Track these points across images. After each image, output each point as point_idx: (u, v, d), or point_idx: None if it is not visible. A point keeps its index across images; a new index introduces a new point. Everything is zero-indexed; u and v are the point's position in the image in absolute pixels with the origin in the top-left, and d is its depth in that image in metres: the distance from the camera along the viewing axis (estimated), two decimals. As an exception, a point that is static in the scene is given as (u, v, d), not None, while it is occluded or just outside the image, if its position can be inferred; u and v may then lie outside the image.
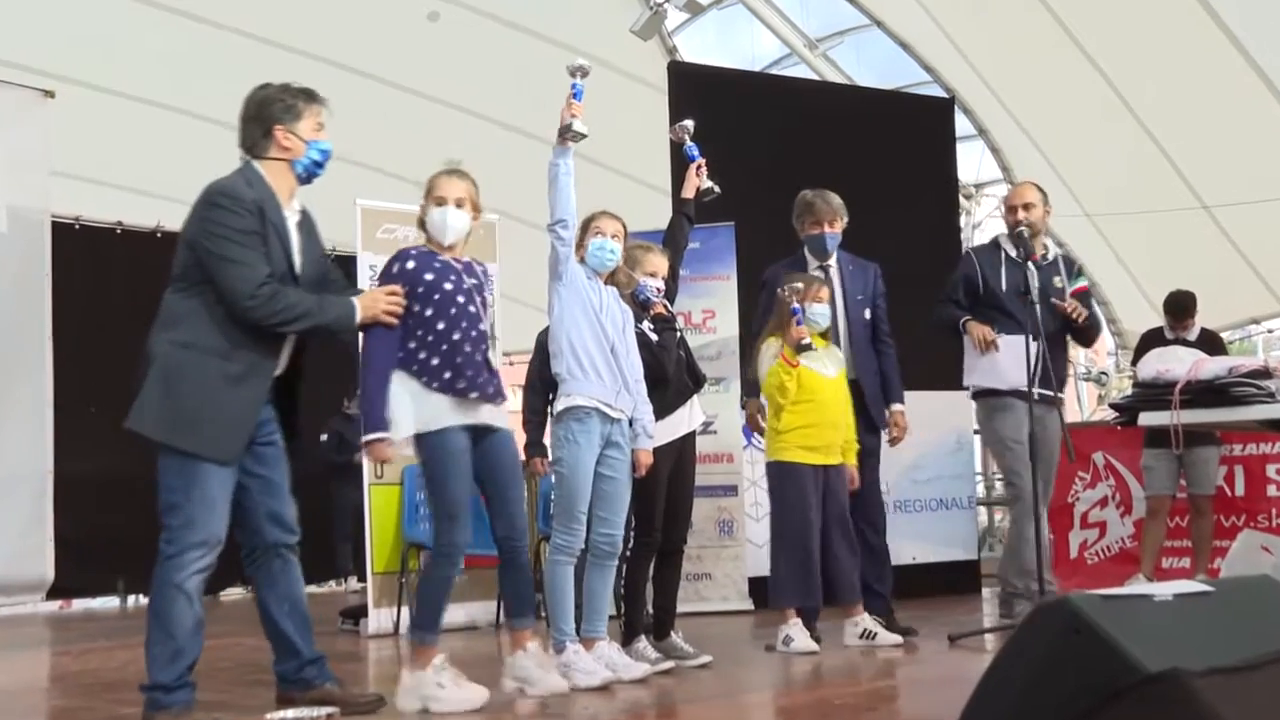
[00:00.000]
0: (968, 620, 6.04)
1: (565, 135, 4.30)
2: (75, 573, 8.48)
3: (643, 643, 4.74)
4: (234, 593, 9.59)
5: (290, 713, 3.53)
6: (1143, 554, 6.97)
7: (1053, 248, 5.78)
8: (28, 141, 8.07)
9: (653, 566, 4.91)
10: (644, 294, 4.77)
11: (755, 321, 5.78)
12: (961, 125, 9.79)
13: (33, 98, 8.17)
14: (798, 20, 11.71)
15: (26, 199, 8.10)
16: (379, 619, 6.39)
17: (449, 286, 3.88)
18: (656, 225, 5.66)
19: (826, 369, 5.24)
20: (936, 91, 10.42)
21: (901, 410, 5.63)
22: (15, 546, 7.87)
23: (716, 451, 6.89)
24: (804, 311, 5.13)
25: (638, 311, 4.75)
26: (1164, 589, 2.36)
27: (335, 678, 3.84)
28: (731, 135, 7.01)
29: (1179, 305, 6.93)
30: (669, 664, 4.64)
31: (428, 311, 3.85)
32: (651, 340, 4.77)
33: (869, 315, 5.61)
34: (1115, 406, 4.86)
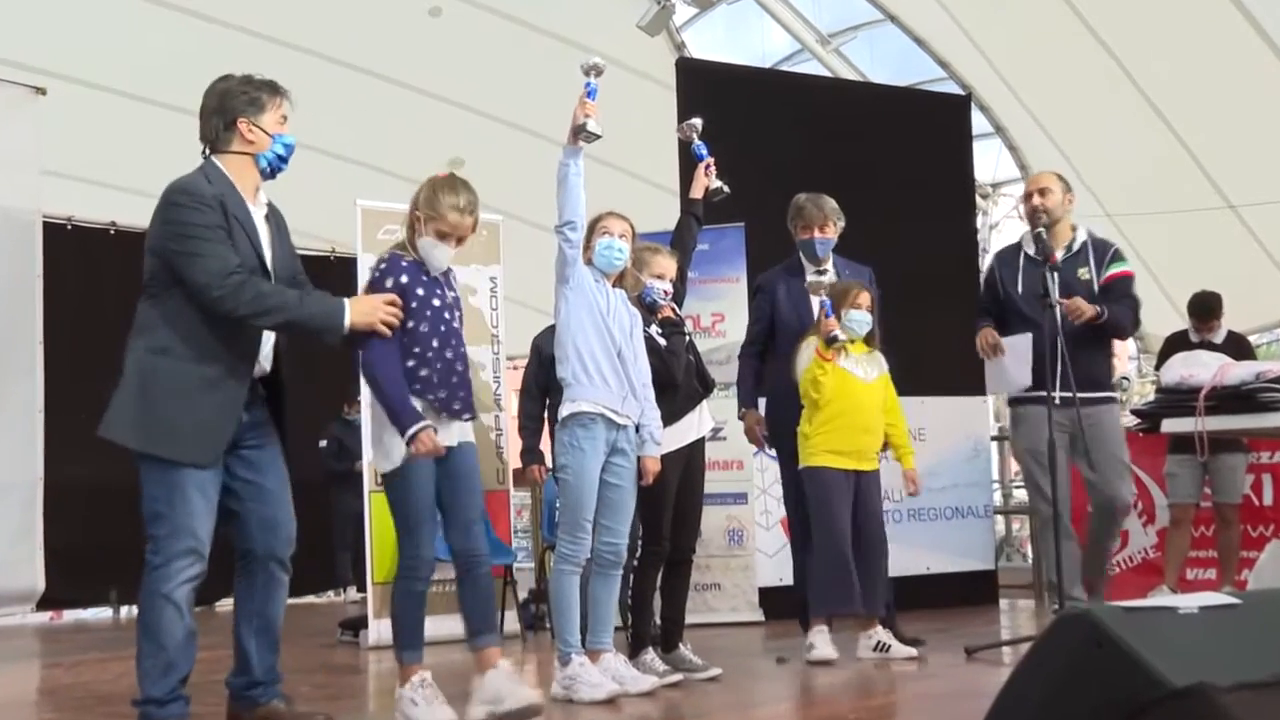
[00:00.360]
0: (985, 632, 6.04)
1: (578, 135, 4.29)
2: (66, 583, 8.49)
3: (650, 655, 4.74)
4: (229, 603, 9.56)
5: None
6: (1166, 565, 6.95)
7: (1082, 234, 5.56)
8: (18, 140, 8.07)
9: (660, 576, 4.91)
10: (651, 296, 4.77)
11: (748, 329, 5.76)
12: (978, 123, 9.80)
13: (24, 95, 8.18)
14: (809, 15, 11.73)
15: (17, 199, 8.10)
16: (379, 630, 6.38)
17: (437, 303, 3.85)
18: (664, 226, 5.66)
19: (865, 373, 5.27)
20: (952, 88, 10.43)
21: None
22: (4, 556, 7.87)
23: (726, 458, 6.89)
24: (837, 311, 5.16)
25: (645, 315, 4.75)
26: (1189, 601, 2.35)
27: (283, 695, 3.82)
28: (741, 134, 7.02)
29: (1204, 307, 6.91)
30: (677, 677, 4.64)
31: (422, 328, 3.79)
32: (660, 345, 4.76)
33: None
34: (1137, 413, 4.84)
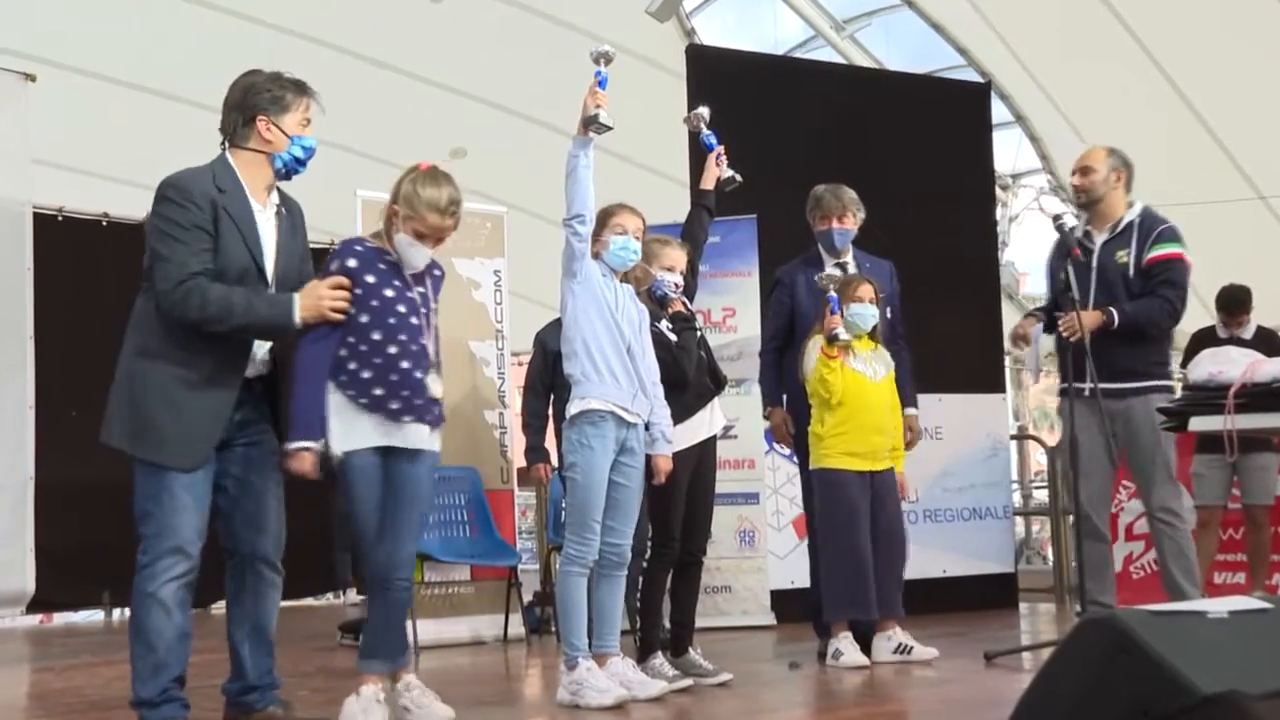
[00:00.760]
0: (1004, 637, 6.03)
1: (589, 126, 4.29)
2: (57, 585, 8.48)
3: (659, 659, 4.74)
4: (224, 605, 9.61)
5: None
6: (1192, 568, 6.93)
7: (1133, 213, 5.32)
8: (7, 128, 8.07)
9: (670, 579, 4.91)
10: (661, 289, 4.76)
11: (766, 323, 5.77)
12: (998, 112, 9.78)
13: (12, 81, 8.18)
14: (823, 0, 11.71)
15: (6, 189, 8.10)
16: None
17: (390, 293, 3.74)
18: (673, 218, 5.66)
19: (873, 372, 5.28)
20: (971, 76, 10.42)
21: (915, 415, 5.63)
22: (-6, 557, 7.89)
23: (737, 457, 6.89)
24: (841, 307, 5.17)
25: (654, 309, 4.74)
26: (1219, 605, 2.35)
27: (281, 700, 3.83)
28: (753, 123, 7.01)
29: (1233, 301, 6.89)
30: (687, 682, 4.64)
31: (362, 318, 3.69)
32: (670, 340, 4.76)
33: (888, 315, 5.60)
34: (1164, 410, 4.81)
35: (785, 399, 5.61)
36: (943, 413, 7.15)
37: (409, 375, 3.73)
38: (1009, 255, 13.05)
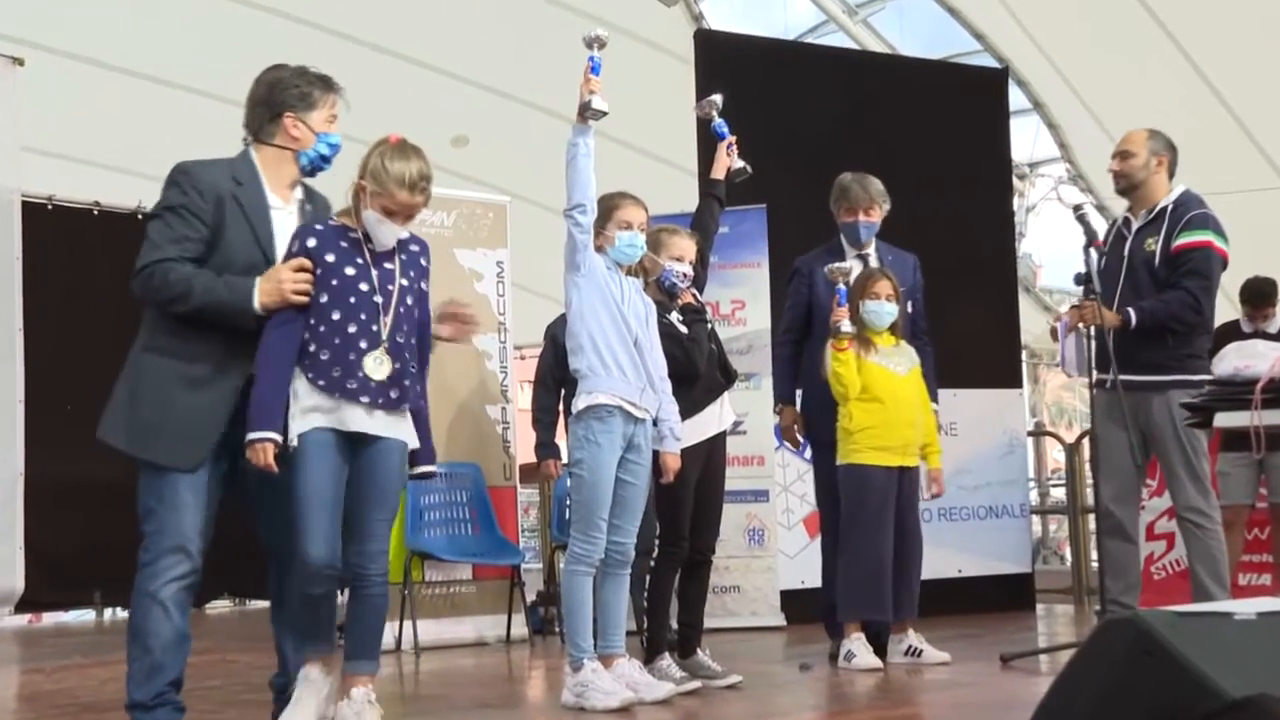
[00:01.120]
0: (1021, 639, 6.03)
1: (584, 113, 4.30)
2: (47, 584, 8.48)
3: (667, 660, 4.74)
4: (220, 605, 9.63)
5: None
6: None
7: (1172, 197, 5.24)
8: (-5, 114, 8.08)
9: (678, 578, 4.91)
10: (669, 279, 4.76)
11: (783, 315, 5.77)
12: (1015, 98, 9.75)
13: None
14: (835, -17, 11.69)
15: (-6, 177, 8.12)
16: (390, 631, 6.41)
17: (351, 271, 3.66)
18: (682, 208, 5.65)
19: (897, 366, 5.28)
20: (988, 61, 10.39)
21: (936, 411, 5.61)
22: (-18, 555, 7.89)
23: (747, 454, 6.87)
24: (855, 301, 5.17)
25: (664, 300, 4.74)
26: (1246, 606, 2.34)
27: None
28: (763, 110, 7.00)
29: (1258, 293, 6.87)
30: (695, 684, 4.63)
31: (322, 298, 3.62)
32: (681, 333, 4.76)
33: (910, 309, 5.59)
34: (1187, 406, 4.78)
35: (802, 392, 5.60)
36: (958, 408, 7.13)
37: (368, 355, 3.63)
38: (1026, 246, 13.05)
